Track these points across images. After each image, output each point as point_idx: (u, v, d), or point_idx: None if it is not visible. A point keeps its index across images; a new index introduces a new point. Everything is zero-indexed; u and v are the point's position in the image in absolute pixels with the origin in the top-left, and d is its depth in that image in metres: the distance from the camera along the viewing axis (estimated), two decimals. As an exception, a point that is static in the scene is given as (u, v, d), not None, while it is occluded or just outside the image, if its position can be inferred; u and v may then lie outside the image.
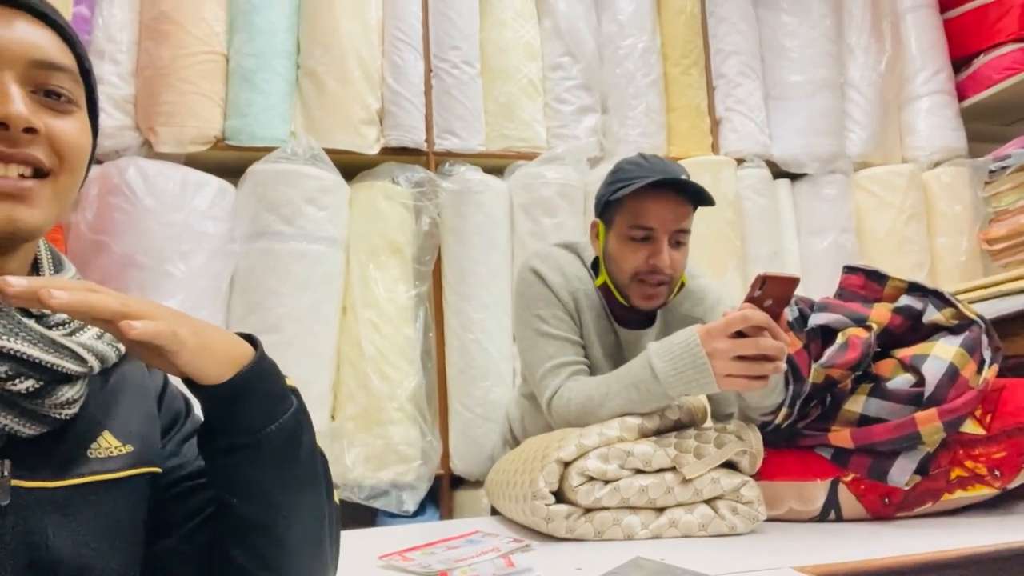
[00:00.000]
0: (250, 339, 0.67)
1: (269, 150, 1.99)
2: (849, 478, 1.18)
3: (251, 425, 0.63)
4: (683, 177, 1.30)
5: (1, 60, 0.59)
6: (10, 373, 0.55)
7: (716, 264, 2.26)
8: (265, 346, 0.67)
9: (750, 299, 1.07)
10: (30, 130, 0.59)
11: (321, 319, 1.92)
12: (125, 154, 1.93)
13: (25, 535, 0.58)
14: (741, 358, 1.08)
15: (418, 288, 2.08)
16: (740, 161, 2.48)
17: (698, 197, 1.32)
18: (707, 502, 1.11)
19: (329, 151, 2.03)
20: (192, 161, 2.00)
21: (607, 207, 1.36)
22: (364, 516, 1.97)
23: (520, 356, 1.43)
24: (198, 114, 1.98)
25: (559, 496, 1.12)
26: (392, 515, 1.93)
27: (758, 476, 1.16)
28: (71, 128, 0.63)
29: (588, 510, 1.10)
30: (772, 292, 1.06)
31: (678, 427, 1.20)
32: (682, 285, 1.40)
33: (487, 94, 2.30)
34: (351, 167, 2.13)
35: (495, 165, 2.28)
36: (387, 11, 2.21)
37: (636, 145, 2.33)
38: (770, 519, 1.17)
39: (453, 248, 2.14)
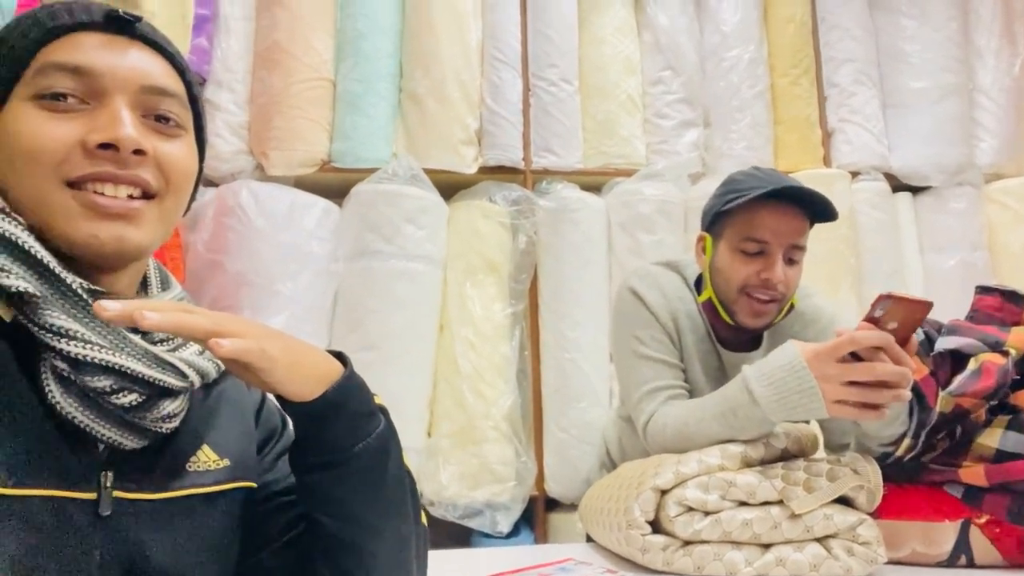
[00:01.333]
0: (340, 357, 0.67)
1: (372, 171, 2.05)
2: (983, 520, 1.06)
3: (339, 443, 0.63)
4: (803, 187, 1.23)
5: (114, 85, 0.62)
6: (114, 387, 0.57)
7: (830, 283, 2.13)
8: (364, 363, 0.68)
9: (869, 319, 0.99)
10: (139, 152, 0.61)
11: (418, 337, 1.95)
12: (240, 177, 2.03)
13: (125, 545, 0.60)
14: (854, 383, 0.99)
15: (514, 306, 2.08)
16: (855, 174, 2.34)
17: (817, 211, 1.25)
18: (819, 540, 1.03)
19: (428, 171, 2.07)
20: (302, 184, 2.08)
21: (717, 219, 1.31)
22: (459, 535, 1.96)
23: (618, 378, 1.39)
24: (306, 138, 2.06)
25: (656, 526, 1.07)
26: (486, 535, 1.92)
27: (876, 514, 1.07)
28: (178, 151, 0.65)
29: (687, 543, 1.04)
30: (897, 315, 0.97)
31: (785, 457, 1.12)
32: (791, 307, 1.32)
33: (585, 111, 2.28)
34: (450, 186, 2.16)
35: (593, 183, 2.25)
36: (486, 32, 2.23)
37: (741, 159, 2.24)
38: (890, 562, 1.07)
39: (549, 266, 2.12)
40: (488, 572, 1.03)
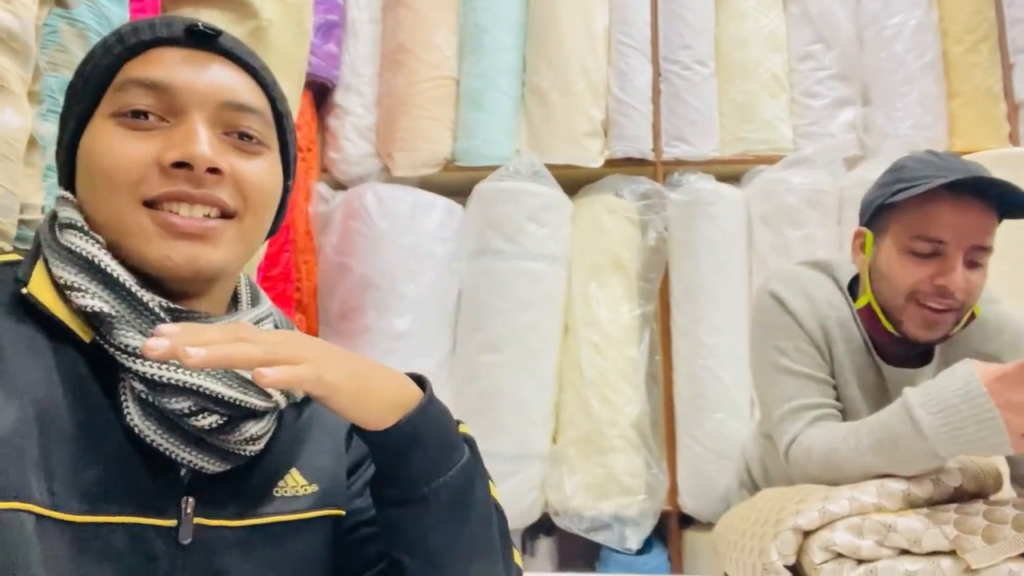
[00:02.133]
0: (420, 381, 0.62)
1: (495, 169, 2.02)
2: None
3: (417, 477, 0.58)
4: (991, 177, 1.04)
5: (192, 101, 0.60)
6: (194, 408, 0.55)
7: (1017, 286, 1.84)
8: (487, 366, 0.64)
9: None
10: (214, 170, 0.59)
11: (542, 339, 1.91)
12: (367, 179, 2.08)
13: (208, 574, 0.58)
14: None
15: (643, 307, 1.99)
16: (1051, 152, 2.01)
17: (1008, 205, 1.06)
18: (1003, 603, 0.86)
19: (552, 166, 2.02)
20: (426, 184, 2.10)
21: (880, 212, 1.14)
22: (588, 551, 1.90)
23: (756, 394, 1.26)
24: (430, 137, 2.08)
25: (797, 572, 0.94)
26: (616, 551, 1.84)
27: (1082, 575, 0.87)
28: (258, 169, 0.63)
29: (834, 594, 0.90)
30: None
31: (960, 498, 0.95)
32: (972, 316, 1.12)
33: (722, 94, 2.14)
34: (575, 181, 2.10)
35: (731, 172, 2.11)
36: (613, 17, 2.15)
37: (907, 140, 2.00)
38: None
39: (682, 264, 2.00)
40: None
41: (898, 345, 1.17)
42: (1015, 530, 0.86)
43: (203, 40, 0.62)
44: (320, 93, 2.13)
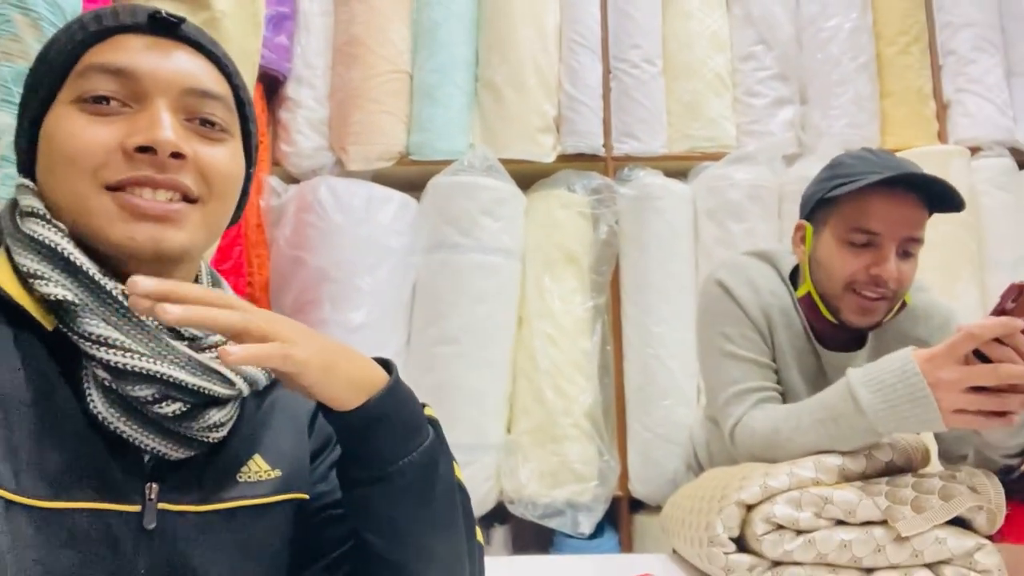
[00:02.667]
0: (387, 365, 0.63)
1: (450, 163, 2.02)
2: None
3: (384, 457, 0.59)
4: (923, 173, 1.10)
5: (156, 87, 0.60)
6: (157, 396, 0.56)
7: (947, 273, 1.94)
8: (443, 358, 0.65)
9: (998, 312, 0.86)
10: (178, 155, 0.59)
11: (496, 330, 1.92)
12: (320, 173, 2.05)
13: (170, 558, 0.58)
14: (976, 389, 0.87)
15: (595, 300, 2.01)
16: (975, 150, 2.12)
17: (938, 198, 1.11)
18: (929, 567, 0.91)
19: (505, 161, 2.03)
20: (380, 177, 2.08)
21: (820, 206, 1.19)
22: (541, 537, 1.92)
23: (703, 378, 1.30)
24: (384, 131, 2.06)
25: (741, 544, 0.98)
26: (569, 536, 1.87)
27: (998, 538, 0.94)
28: (221, 156, 0.63)
29: (776, 563, 0.95)
30: None
31: (890, 471, 1.00)
32: (904, 304, 1.19)
33: (669, 93, 2.18)
34: (528, 176, 2.11)
35: (678, 168, 2.15)
36: (564, 15, 2.17)
37: (842, 137, 2.07)
38: (1017, 594, 0.94)
39: (632, 257, 2.04)
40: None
41: (835, 331, 1.22)
42: (941, 500, 0.91)
43: (166, 28, 0.62)
44: (271, 86, 2.10)
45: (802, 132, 2.17)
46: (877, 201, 1.11)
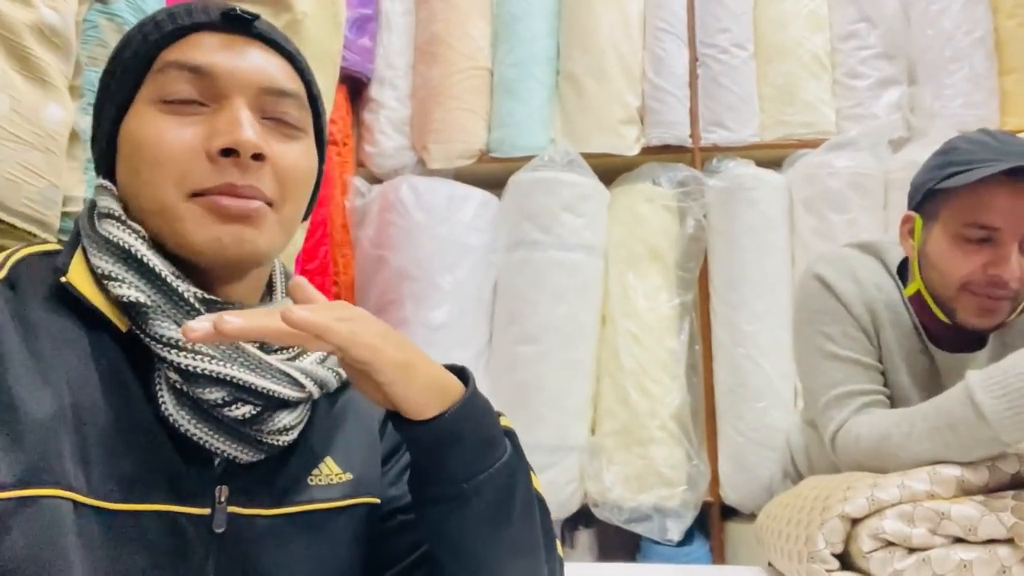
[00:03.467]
0: (462, 373, 0.60)
1: (530, 159, 2.00)
2: None
3: (457, 474, 0.56)
4: None
5: (233, 86, 0.60)
6: (227, 399, 0.55)
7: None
8: (524, 357, 0.63)
9: None
10: (258, 156, 0.59)
11: (579, 329, 1.88)
12: (403, 173, 2.08)
13: (240, 563, 0.58)
14: None
15: (682, 297, 1.95)
16: (1109, 130, 1.92)
17: None
18: (1064, 593, 0.82)
19: (587, 155, 1.99)
20: (462, 175, 2.08)
21: (930, 197, 1.09)
22: (628, 543, 1.88)
23: (801, 380, 1.23)
24: (465, 129, 2.06)
25: (845, 561, 0.91)
26: (656, 543, 1.82)
27: None
28: (295, 154, 0.63)
29: (885, 584, 0.87)
30: None
31: (1017, 484, 0.90)
32: None
33: (762, 77, 2.08)
34: (611, 170, 2.07)
35: (771, 157, 2.05)
36: (649, 1, 2.11)
37: (956, 119, 1.92)
38: None
39: (721, 252, 1.96)
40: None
41: (950, 330, 1.12)
42: (1078, 518, 0.82)
43: (240, 25, 0.62)
44: (355, 88, 2.13)
45: (911, 114, 2.03)
46: (997, 192, 1.01)
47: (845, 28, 2.06)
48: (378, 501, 0.67)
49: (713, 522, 1.90)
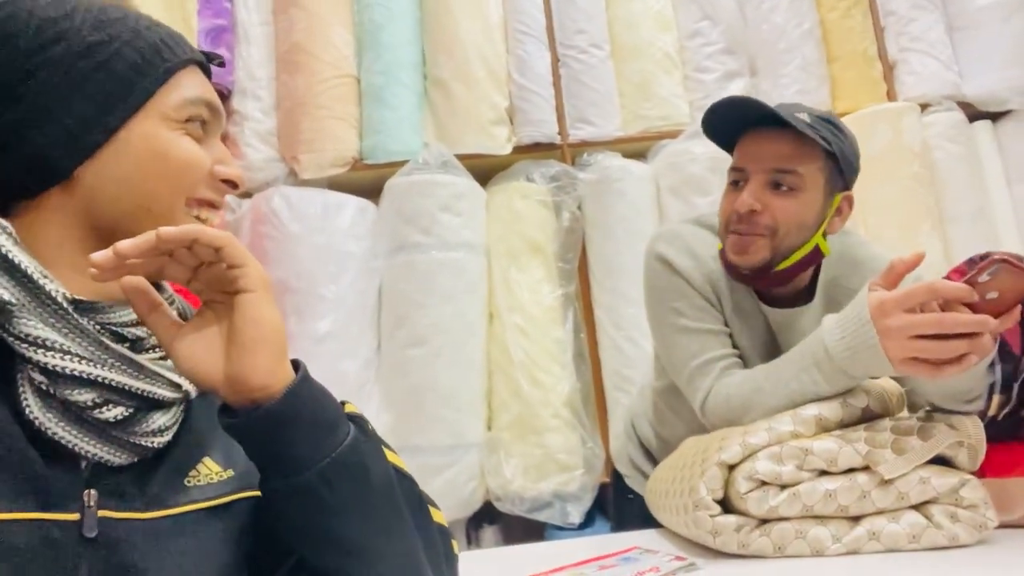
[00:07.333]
0: (295, 365, 0.59)
1: (404, 164, 2.00)
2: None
3: (301, 460, 0.55)
4: (755, 100, 1.11)
5: (215, 120, 0.66)
6: (97, 400, 0.53)
7: (906, 228, 1.95)
8: (414, 359, 0.63)
9: (970, 282, 0.83)
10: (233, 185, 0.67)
11: (467, 327, 1.89)
12: (273, 184, 2.01)
13: (116, 569, 0.55)
14: (923, 337, 0.86)
15: (564, 288, 2.00)
16: (924, 106, 2.15)
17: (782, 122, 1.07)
18: (916, 508, 0.90)
19: (461, 156, 2.01)
20: (336, 184, 2.05)
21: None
22: (532, 532, 1.90)
23: (660, 355, 1.27)
24: (336, 137, 2.03)
25: (726, 506, 0.96)
26: (560, 528, 1.84)
27: (980, 473, 0.93)
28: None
29: (763, 521, 0.93)
30: (1005, 284, 0.81)
31: (868, 417, 0.99)
32: (819, 251, 1.14)
33: (620, 75, 2.18)
34: (486, 170, 2.10)
35: (636, 149, 2.15)
36: (507, 6, 2.17)
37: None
38: (1002, 525, 0.93)
39: (597, 242, 2.03)
40: (548, 567, 0.95)
41: (773, 287, 1.17)
42: (921, 440, 0.90)
43: (207, 64, 0.68)
44: (216, 101, 2.06)
45: (755, 102, 2.18)
46: (744, 140, 1.14)
47: (690, 27, 2.20)
48: (260, 494, 0.65)
49: (611, 501, 1.95)
